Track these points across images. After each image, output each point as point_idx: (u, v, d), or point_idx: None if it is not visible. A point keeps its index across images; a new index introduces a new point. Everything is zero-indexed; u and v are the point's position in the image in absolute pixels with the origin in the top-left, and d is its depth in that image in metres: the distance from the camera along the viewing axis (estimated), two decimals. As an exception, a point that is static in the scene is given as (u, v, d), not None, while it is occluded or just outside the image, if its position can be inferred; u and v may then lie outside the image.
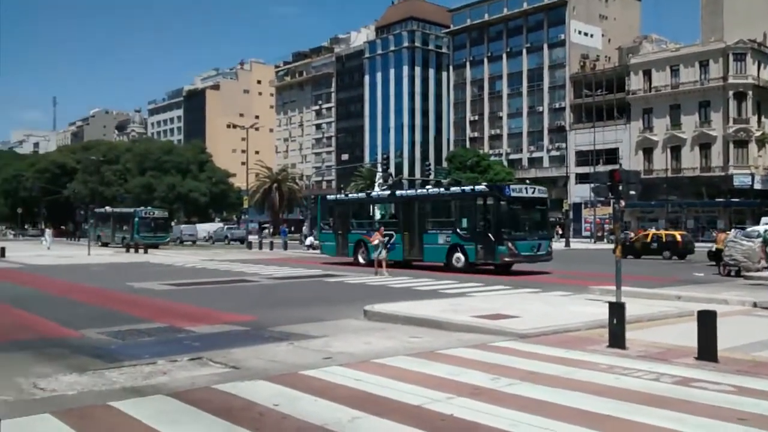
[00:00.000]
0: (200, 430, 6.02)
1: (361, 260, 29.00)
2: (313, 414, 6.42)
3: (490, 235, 23.98)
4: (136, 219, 51.03)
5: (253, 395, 7.18)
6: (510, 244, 23.68)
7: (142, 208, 55.52)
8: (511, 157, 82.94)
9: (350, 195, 36.22)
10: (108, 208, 60.43)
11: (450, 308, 13.70)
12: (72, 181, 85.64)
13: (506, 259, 23.97)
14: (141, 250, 42.88)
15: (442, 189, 30.10)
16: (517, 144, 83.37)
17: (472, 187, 27.77)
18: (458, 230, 25.41)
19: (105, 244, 53.20)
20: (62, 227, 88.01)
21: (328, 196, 35.93)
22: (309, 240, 46.47)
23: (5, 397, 7.37)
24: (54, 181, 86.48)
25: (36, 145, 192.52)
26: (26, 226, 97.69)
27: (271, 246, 47.31)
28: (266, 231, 72.19)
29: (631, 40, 79.47)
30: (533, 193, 25.93)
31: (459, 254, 25.12)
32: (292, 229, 76.15)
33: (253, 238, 54.28)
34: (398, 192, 31.91)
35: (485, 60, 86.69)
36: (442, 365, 8.67)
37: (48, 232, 50.74)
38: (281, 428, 6.05)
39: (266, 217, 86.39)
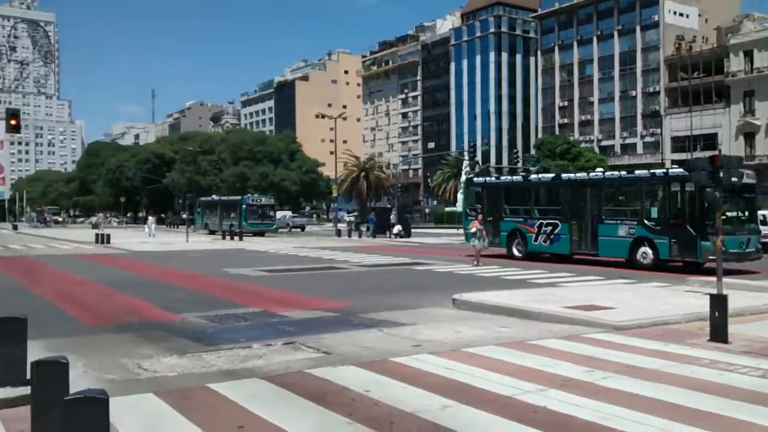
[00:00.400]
0: (294, 414, 6.16)
1: (516, 252, 25.71)
2: (404, 401, 6.47)
3: (689, 227, 20.37)
4: (244, 206, 50.79)
5: (344, 381, 7.30)
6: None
7: (248, 195, 55.39)
8: (603, 143, 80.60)
9: (503, 177, 33.18)
10: (214, 197, 61.11)
11: (540, 298, 13.48)
12: (170, 171, 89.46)
13: (711, 257, 19.64)
14: (236, 238, 44.24)
15: (622, 172, 25.75)
16: (609, 130, 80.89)
17: (664, 170, 23.93)
18: (645, 221, 21.76)
19: (212, 232, 53.51)
20: (162, 215, 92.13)
21: (476, 179, 31.79)
22: (396, 228, 46.69)
23: (112, 376, 7.79)
24: (154, 170, 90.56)
25: (136, 136, 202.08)
26: (128, 214, 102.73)
27: (360, 234, 47.86)
28: (352, 218, 72.99)
29: (730, 19, 75.35)
30: (742, 178, 21.37)
31: (646, 249, 21.53)
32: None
33: (342, 226, 55.00)
34: (565, 174, 28.07)
35: (575, 44, 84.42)
36: (534, 356, 8.55)
37: (151, 219, 52.17)
38: (373, 414, 6.12)
39: (354, 205, 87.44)
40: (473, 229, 23.61)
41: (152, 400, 6.61)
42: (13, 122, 24.95)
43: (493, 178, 33.56)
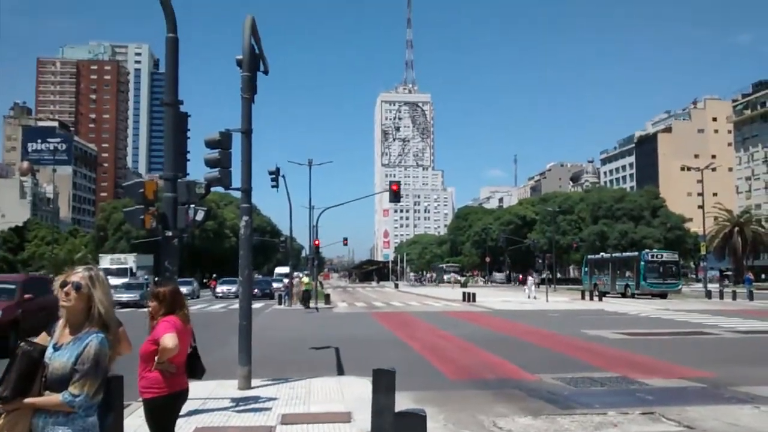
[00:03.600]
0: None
1: None
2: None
3: None
4: (642, 263, 45.82)
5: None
6: None
7: (647, 250, 50.84)
8: None
9: None
10: (604, 254, 56.96)
11: None
12: (531, 231, 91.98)
13: None
14: (596, 298, 43.27)
15: None
16: None
17: None
18: None
19: (603, 294, 46.46)
20: (520, 276, 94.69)
21: None
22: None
23: (468, 431, 8.25)
24: (516, 231, 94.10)
25: (500, 200, 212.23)
26: (492, 273, 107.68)
27: (734, 296, 43.05)
28: (726, 280, 66.08)
29: None
30: None
31: None
32: (762, 276, 68.20)
33: (712, 286, 50.08)
34: None
35: None
36: None
37: (531, 280, 48.42)
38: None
39: (727, 263, 79.30)
40: None
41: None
42: (395, 193, 28.53)
43: None
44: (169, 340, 4.93)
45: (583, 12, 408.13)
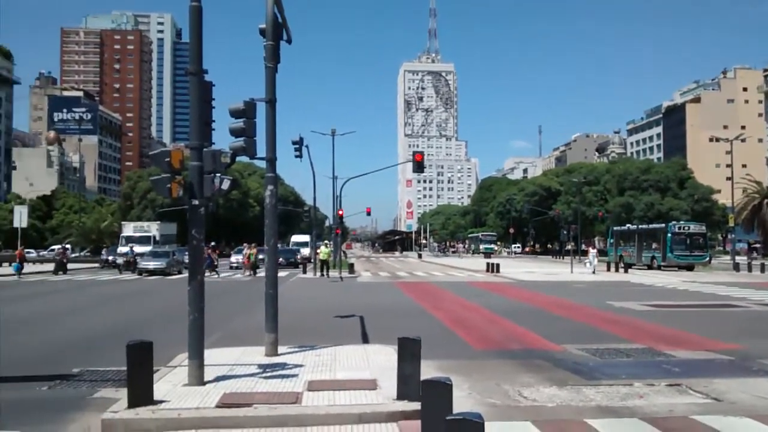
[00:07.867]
0: (676, 461, 5.82)
1: None
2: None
3: None
4: (668, 235, 45.18)
5: (736, 432, 6.65)
6: None
7: (674, 222, 49.54)
8: None
9: None
10: (630, 225, 56.51)
11: None
12: (556, 203, 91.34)
13: None
14: (621, 269, 42.96)
15: None
16: None
17: None
18: None
19: (628, 266, 45.66)
20: (548, 246, 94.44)
21: None
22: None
23: (494, 400, 8.27)
24: (540, 203, 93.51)
25: (525, 171, 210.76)
26: (516, 244, 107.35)
27: (762, 268, 42.47)
28: (755, 252, 65.15)
29: None
30: None
31: None
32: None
33: (741, 259, 49.36)
34: None
35: None
36: None
37: (592, 252, 43.89)
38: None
39: (756, 236, 78.16)
40: None
41: (529, 429, 6.87)
42: (418, 163, 28.29)
43: None
44: None
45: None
